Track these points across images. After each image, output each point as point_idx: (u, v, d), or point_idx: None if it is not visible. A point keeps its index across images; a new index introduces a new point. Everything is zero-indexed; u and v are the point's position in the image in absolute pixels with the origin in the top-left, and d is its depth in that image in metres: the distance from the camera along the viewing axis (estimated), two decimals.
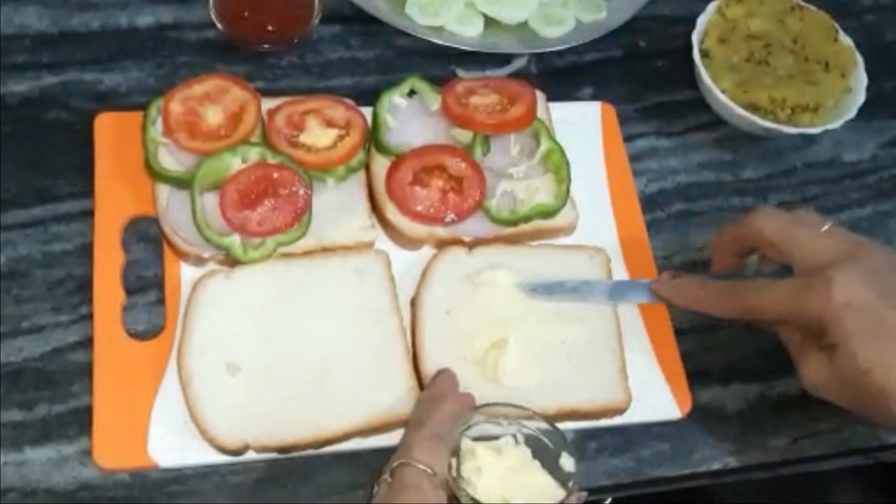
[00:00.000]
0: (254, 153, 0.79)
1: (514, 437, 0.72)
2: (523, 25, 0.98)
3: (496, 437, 0.72)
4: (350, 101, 0.85)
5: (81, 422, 0.72)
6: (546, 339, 0.79)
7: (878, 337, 0.68)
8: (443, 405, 0.71)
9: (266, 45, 0.92)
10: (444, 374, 0.75)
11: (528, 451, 0.71)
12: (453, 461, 0.69)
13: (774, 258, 0.77)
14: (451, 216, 0.81)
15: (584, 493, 0.70)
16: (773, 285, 0.73)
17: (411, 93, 0.88)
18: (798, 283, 0.72)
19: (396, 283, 0.80)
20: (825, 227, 0.74)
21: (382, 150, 0.84)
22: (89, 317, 0.76)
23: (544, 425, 0.72)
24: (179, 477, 0.72)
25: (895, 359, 0.68)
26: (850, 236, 0.74)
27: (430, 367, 0.76)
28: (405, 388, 0.75)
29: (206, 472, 0.73)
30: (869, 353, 0.68)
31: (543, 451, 0.71)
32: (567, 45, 0.96)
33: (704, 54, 0.95)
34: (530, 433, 0.72)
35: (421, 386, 0.76)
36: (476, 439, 0.71)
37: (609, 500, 0.95)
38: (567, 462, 0.70)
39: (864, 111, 0.95)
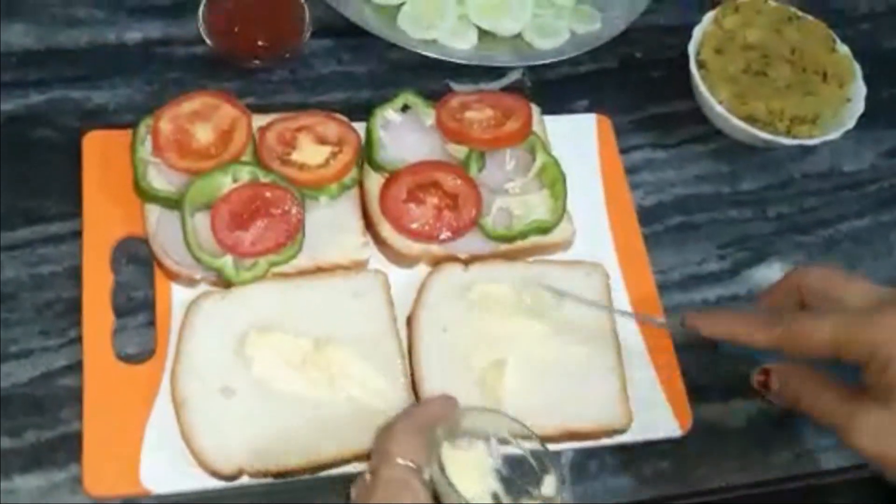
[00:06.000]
0: (245, 172, 0.78)
1: (488, 445, 0.68)
2: (517, 37, 0.97)
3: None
4: (342, 118, 0.84)
5: (71, 448, 0.71)
6: (545, 358, 0.78)
7: None
8: (424, 406, 0.71)
9: (257, 61, 0.90)
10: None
11: (491, 462, 0.68)
12: (436, 463, 0.65)
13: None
14: (446, 234, 0.80)
15: None
16: (821, 314, 0.68)
17: (405, 108, 0.87)
18: (850, 313, 0.67)
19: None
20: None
21: (376, 166, 0.83)
22: (78, 340, 0.74)
23: (530, 441, 0.69)
24: None
25: None
26: None
27: (428, 386, 0.75)
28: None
29: (199, 499, 0.71)
30: None
31: (521, 467, 0.68)
32: (561, 57, 0.95)
33: (701, 65, 0.94)
34: (509, 446, 0.68)
35: None
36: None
37: None
38: (548, 485, 0.67)
39: (861, 121, 0.95)
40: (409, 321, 0.78)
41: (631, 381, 0.79)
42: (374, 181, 0.83)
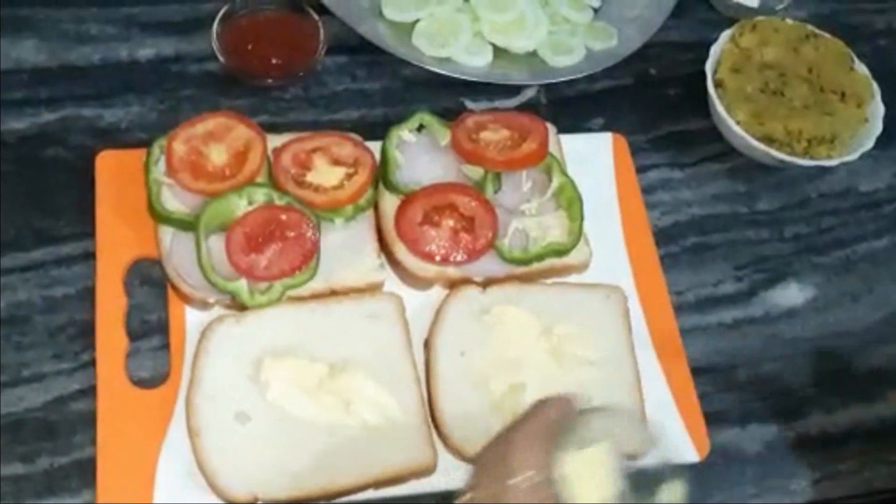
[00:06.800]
0: (260, 194, 0.77)
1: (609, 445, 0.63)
2: (532, 55, 0.96)
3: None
4: (357, 138, 0.83)
5: (85, 474, 0.70)
6: (564, 383, 0.77)
7: None
8: (540, 411, 0.63)
9: (270, 79, 0.89)
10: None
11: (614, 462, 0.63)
12: (558, 471, 0.59)
13: None
14: (462, 256, 0.79)
15: None
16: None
17: (420, 128, 0.86)
18: None
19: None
20: None
21: (391, 188, 0.82)
22: (92, 364, 0.74)
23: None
24: None
25: None
26: None
27: (445, 411, 0.74)
28: (420, 438, 0.73)
29: None
30: None
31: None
32: (577, 75, 0.94)
33: (718, 84, 0.93)
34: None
35: (439, 433, 0.74)
36: None
37: None
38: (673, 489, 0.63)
39: (879, 139, 0.94)
40: (427, 344, 0.78)
41: (648, 406, 0.78)
42: (390, 202, 0.82)
